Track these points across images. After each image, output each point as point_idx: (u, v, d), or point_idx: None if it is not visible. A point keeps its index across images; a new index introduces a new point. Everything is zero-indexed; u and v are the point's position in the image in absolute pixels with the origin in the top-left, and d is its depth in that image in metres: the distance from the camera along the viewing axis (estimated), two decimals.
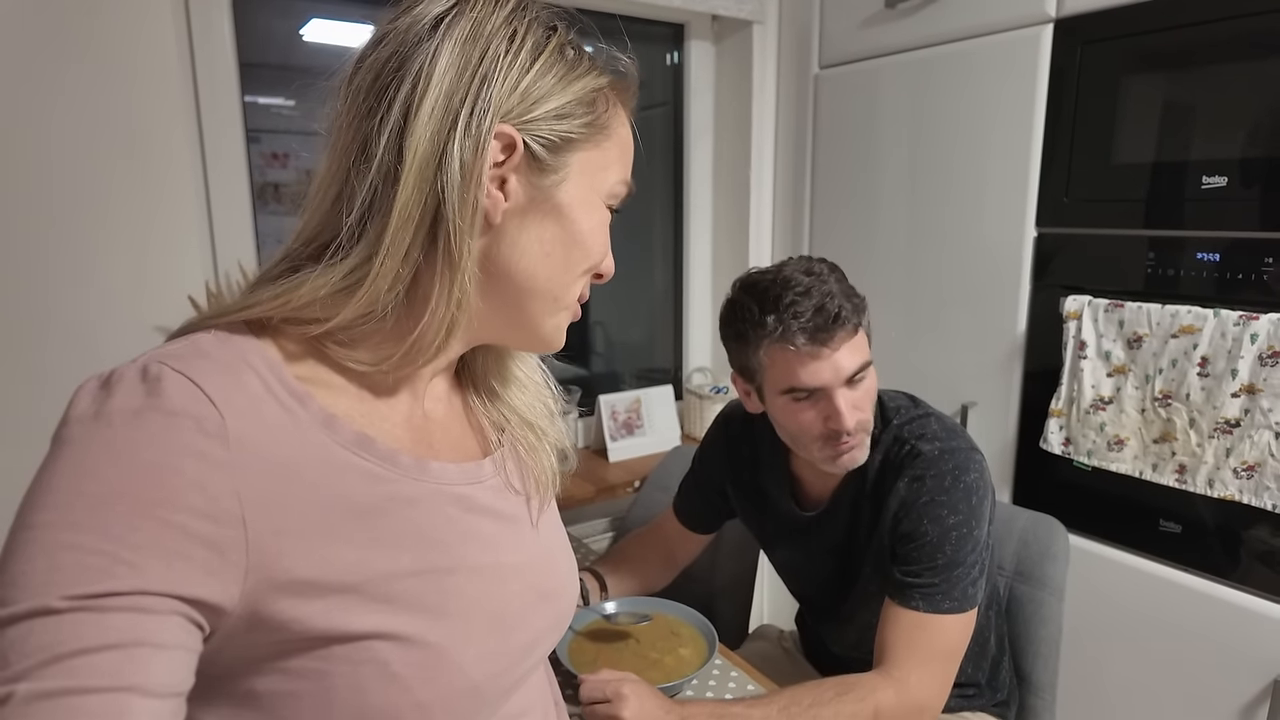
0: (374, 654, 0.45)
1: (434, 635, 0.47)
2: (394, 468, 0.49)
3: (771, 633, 1.39)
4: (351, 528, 0.45)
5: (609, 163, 0.53)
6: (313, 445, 0.45)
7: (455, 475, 0.53)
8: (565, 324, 0.55)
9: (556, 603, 0.59)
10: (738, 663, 1.03)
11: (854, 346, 0.93)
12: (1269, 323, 1.11)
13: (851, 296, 0.94)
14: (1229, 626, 1.21)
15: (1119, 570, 1.33)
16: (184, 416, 0.40)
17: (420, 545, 0.49)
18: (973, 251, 1.50)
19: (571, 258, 0.52)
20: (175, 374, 0.42)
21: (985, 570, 0.95)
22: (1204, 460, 1.19)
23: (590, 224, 0.52)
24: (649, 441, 1.90)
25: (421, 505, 0.50)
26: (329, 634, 0.44)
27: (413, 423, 0.54)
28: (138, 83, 1.20)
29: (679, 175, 2.04)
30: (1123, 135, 1.27)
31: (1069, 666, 1.27)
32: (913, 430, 0.99)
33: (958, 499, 0.93)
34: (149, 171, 1.24)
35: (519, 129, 0.47)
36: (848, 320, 0.91)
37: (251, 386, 0.44)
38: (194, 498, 0.39)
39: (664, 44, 1.97)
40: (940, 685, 0.90)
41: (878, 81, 1.63)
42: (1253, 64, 1.12)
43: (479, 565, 0.52)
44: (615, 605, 1.11)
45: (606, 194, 0.54)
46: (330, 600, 0.44)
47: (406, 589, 0.47)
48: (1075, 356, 1.33)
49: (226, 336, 0.46)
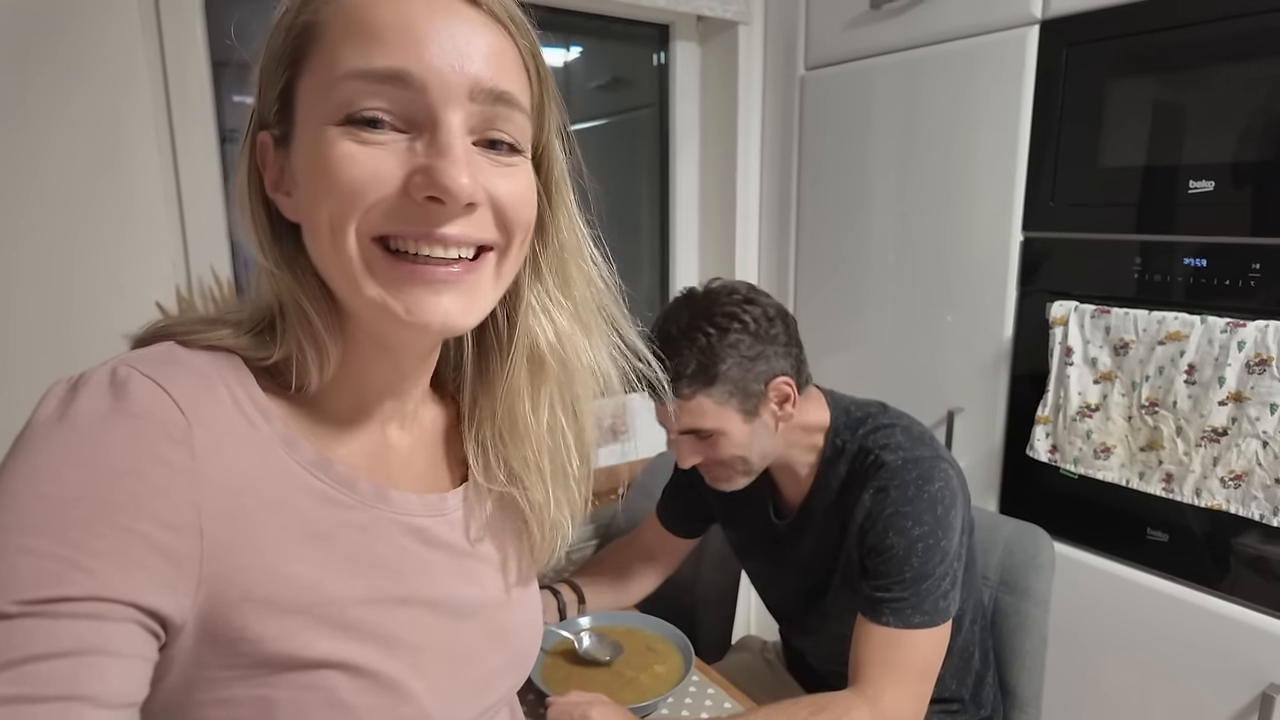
0: (323, 680, 0.43)
1: (384, 665, 0.46)
2: (350, 493, 0.48)
3: (755, 644, 1.37)
4: (307, 549, 0.44)
5: (320, 75, 0.43)
6: (274, 463, 0.45)
7: (415, 506, 0.52)
8: (400, 286, 0.44)
9: (513, 641, 0.57)
10: (715, 679, 1.01)
11: (688, 409, 0.94)
12: (1256, 330, 1.09)
13: (704, 366, 0.92)
14: (1217, 637, 1.19)
15: (1106, 579, 1.31)
16: (150, 421, 0.40)
17: (374, 573, 0.47)
18: (959, 255, 1.48)
19: (314, 214, 0.44)
20: (144, 378, 0.41)
21: (958, 582, 0.93)
22: (1191, 469, 1.17)
23: (311, 164, 0.43)
24: (634, 448, 1.87)
25: (376, 533, 0.48)
26: (279, 658, 0.42)
27: (374, 449, 0.52)
28: (103, 81, 1.18)
29: (665, 177, 2.01)
30: (1109, 138, 1.25)
31: (1054, 678, 1.25)
32: (877, 440, 0.98)
33: (922, 509, 0.91)
34: (117, 172, 1.21)
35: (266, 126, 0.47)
36: (678, 390, 0.93)
37: (221, 398, 0.44)
38: (156, 505, 0.38)
39: (649, 45, 1.95)
40: (915, 702, 0.88)
41: (864, 83, 1.61)
42: (1240, 66, 1.11)
43: (432, 598, 0.51)
44: (590, 620, 1.08)
45: (331, 110, 0.42)
46: (284, 622, 0.42)
47: (359, 616, 0.46)
48: (1062, 363, 1.31)
49: (204, 349, 0.46)
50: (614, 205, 2.04)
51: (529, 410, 0.56)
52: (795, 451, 1.03)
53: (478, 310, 0.48)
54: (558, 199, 0.53)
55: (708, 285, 1.00)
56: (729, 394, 0.93)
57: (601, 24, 1.88)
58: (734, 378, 0.93)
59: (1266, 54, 1.08)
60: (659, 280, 2.09)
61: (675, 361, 0.91)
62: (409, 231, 0.44)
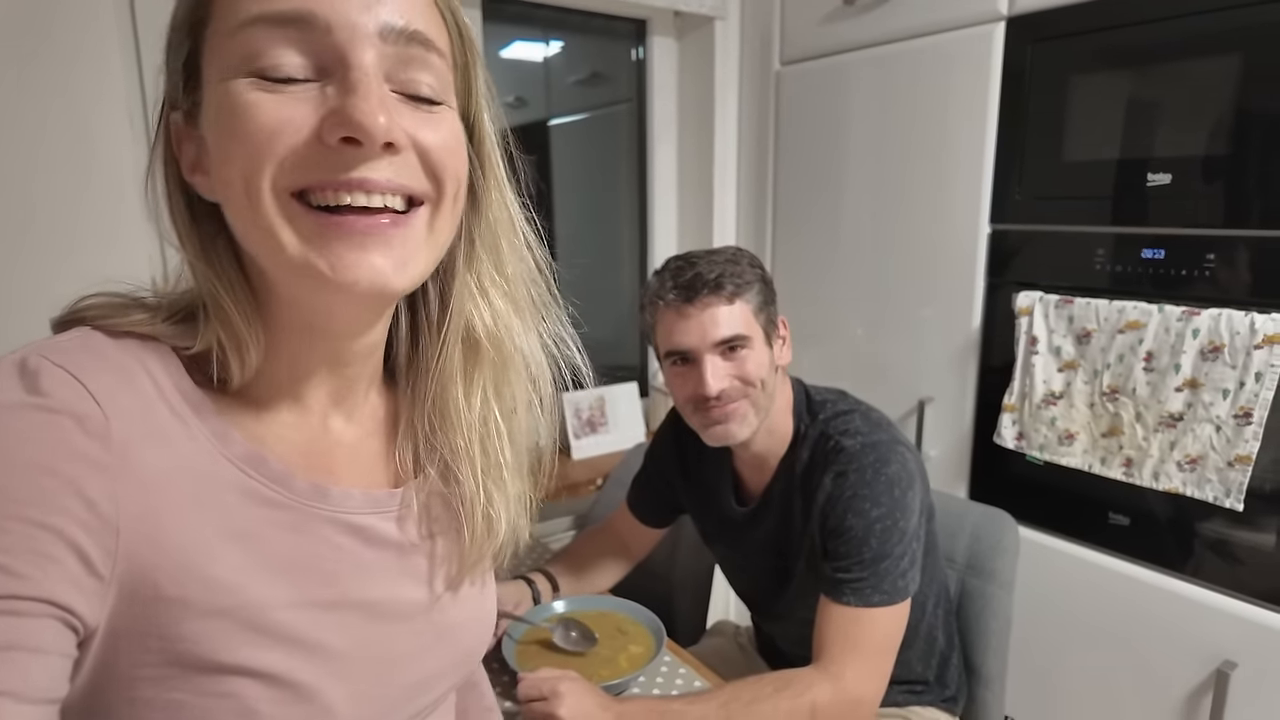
0: (234, 688, 0.42)
1: (305, 675, 0.44)
2: (285, 490, 0.46)
3: (728, 628, 1.39)
4: (230, 549, 0.43)
5: (223, 32, 0.41)
6: (201, 458, 0.43)
7: (358, 503, 0.50)
8: (325, 241, 0.41)
9: (459, 640, 0.55)
10: (686, 659, 1.03)
11: (728, 314, 0.97)
12: (1210, 318, 1.13)
13: (741, 274, 0.98)
14: (1175, 616, 1.23)
15: (1069, 562, 1.34)
16: (64, 415, 0.38)
17: (303, 576, 0.45)
18: (930, 247, 1.50)
19: (223, 177, 0.42)
20: (56, 369, 0.39)
21: (916, 561, 0.96)
22: (1149, 453, 1.21)
23: (215, 123, 0.41)
24: (613, 439, 1.89)
25: (310, 532, 0.47)
26: (191, 661, 0.41)
27: (314, 445, 0.50)
28: (77, 78, 1.18)
29: (643, 172, 2.03)
30: (1072, 132, 1.28)
31: (1019, 658, 1.28)
32: (837, 426, 1.01)
33: (880, 491, 0.94)
34: (92, 171, 1.21)
35: (175, 105, 0.45)
36: (722, 286, 0.96)
37: (143, 389, 0.42)
38: (70, 501, 0.37)
39: (627, 40, 1.97)
40: (876, 679, 0.91)
41: (838, 78, 1.63)
42: (1196, 63, 1.14)
43: (369, 600, 0.49)
44: (564, 605, 1.10)
45: (233, 64, 0.40)
46: (199, 624, 0.41)
47: (282, 621, 0.44)
48: (1027, 352, 1.34)
49: (125, 335, 0.44)
50: (593, 199, 2.06)
51: (461, 396, 0.53)
52: (769, 438, 1.04)
53: (411, 270, 0.44)
54: (489, 169, 0.50)
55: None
56: (759, 307, 1.00)
57: (580, 19, 1.89)
58: (765, 298, 1.01)
59: (1222, 51, 1.11)
60: (638, 273, 2.11)
61: (722, 266, 0.97)
62: (327, 180, 0.41)
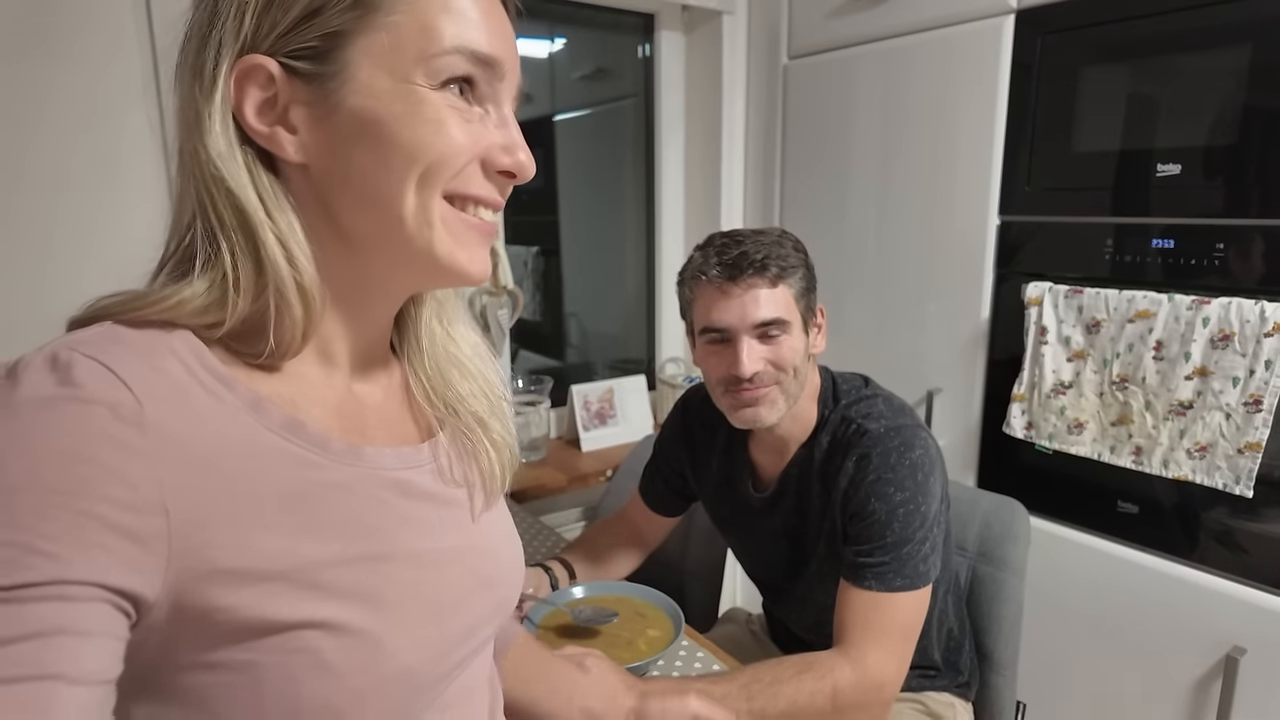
0: (305, 643, 0.43)
1: (366, 623, 0.46)
2: (325, 453, 0.48)
3: (740, 616, 1.40)
4: (280, 515, 0.44)
5: (404, 39, 0.45)
6: (240, 430, 0.44)
7: (391, 460, 0.52)
8: (466, 241, 0.49)
9: (498, 589, 0.58)
10: (704, 643, 1.04)
11: (769, 297, 0.96)
12: (1220, 306, 1.14)
13: (787, 257, 0.97)
14: (1184, 604, 1.24)
15: (1079, 550, 1.36)
16: (97, 404, 0.39)
17: (352, 532, 0.47)
18: (938, 239, 1.52)
19: (394, 165, 0.45)
20: (87, 359, 0.40)
21: (937, 547, 0.96)
22: (1159, 442, 1.22)
23: (401, 117, 0.45)
24: (622, 431, 1.90)
25: (354, 491, 0.48)
26: (257, 624, 0.42)
27: (344, 407, 0.52)
28: (93, 66, 1.18)
29: (650, 166, 2.04)
30: (1082, 124, 1.29)
31: (1030, 644, 1.29)
32: (859, 410, 1.01)
33: (903, 475, 0.95)
34: (108, 159, 1.21)
35: (271, 54, 0.44)
36: (767, 268, 0.95)
37: (173, 372, 0.43)
38: (112, 488, 0.38)
39: (634, 35, 1.98)
40: (897, 663, 0.91)
41: (846, 72, 1.64)
42: (1205, 53, 1.15)
43: (415, 551, 0.51)
44: (583, 590, 1.11)
45: (424, 73, 0.45)
46: (258, 589, 0.42)
47: (337, 577, 0.45)
48: (1037, 342, 1.35)
49: (145, 324, 0.44)
50: (599, 195, 2.07)
51: (451, 340, 0.60)
52: (793, 424, 1.04)
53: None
54: None
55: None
56: (801, 293, 0.99)
57: (587, 13, 1.90)
58: (807, 283, 1.01)
59: (1231, 41, 1.12)
60: (644, 268, 2.12)
61: (768, 248, 0.96)
62: (485, 198, 0.49)
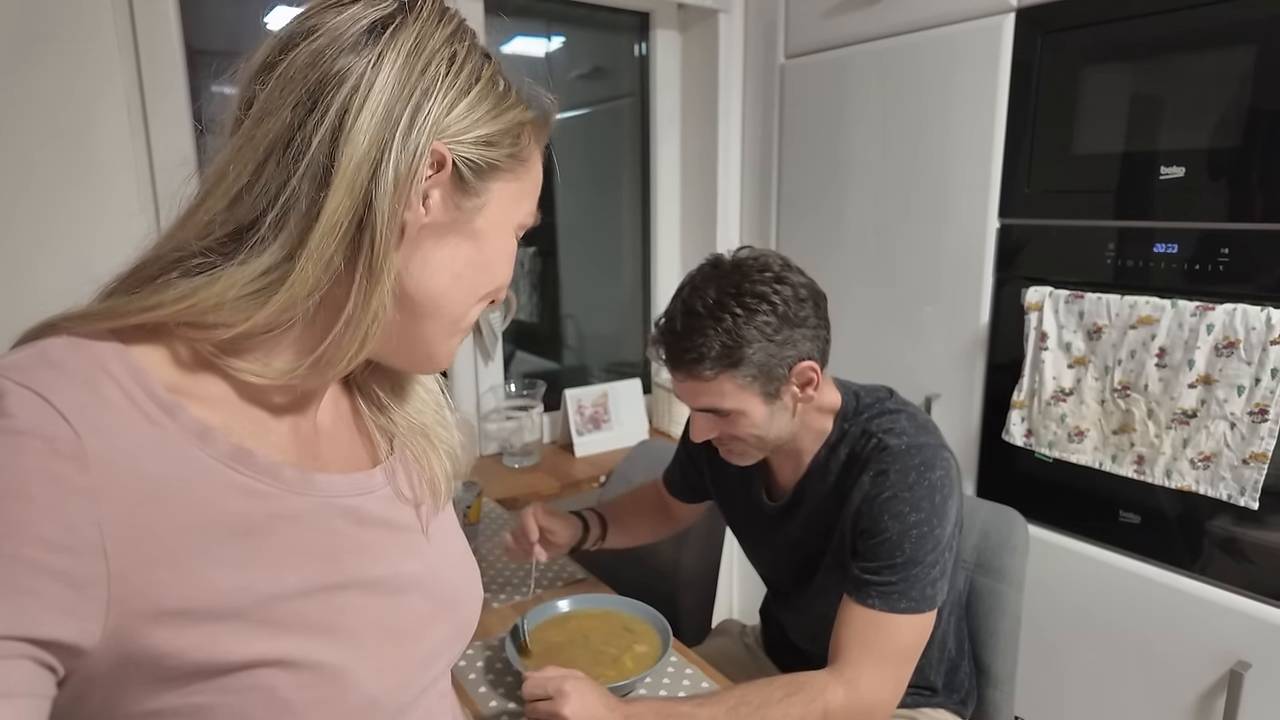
0: (259, 681, 0.42)
1: (325, 655, 0.45)
2: (275, 482, 0.46)
3: (734, 628, 1.37)
4: (229, 549, 0.42)
5: (524, 194, 0.54)
6: (185, 461, 0.42)
7: (344, 487, 0.51)
8: (457, 347, 0.56)
9: (457, 611, 0.58)
10: (693, 660, 1.02)
11: (707, 389, 0.92)
12: (1225, 313, 1.11)
13: (727, 349, 0.89)
14: (1187, 616, 1.21)
15: (1079, 561, 1.33)
16: (32, 437, 0.36)
17: (306, 563, 0.46)
18: (937, 242, 1.49)
19: (478, 281, 0.53)
20: (19, 388, 0.37)
21: (946, 572, 0.92)
22: (1162, 451, 1.19)
23: (501, 250, 0.54)
24: (616, 436, 1.88)
25: (306, 520, 0.47)
26: (207, 666, 0.40)
27: (300, 434, 0.51)
28: (74, 68, 1.16)
29: (646, 166, 2.01)
30: (1083, 125, 1.26)
31: (1029, 658, 1.27)
32: (882, 424, 0.97)
33: (920, 496, 0.91)
34: (88, 163, 1.20)
35: (450, 149, 0.48)
36: (701, 362, 0.90)
37: (112, 398, 0.40)
38: (46, 528, 0.36)
39: (630, 33, 1.95)
40: (893, 687, 0.88)
41: (843, 71, 1.62)
42: (1210, 54, 1.12)
43: (371, 579, 0.50)
44: (569, 604, 1.09)
45: (518, 224, 0.55)
46: (208, 629, 0.40)
47: (292, 610, 0.44)
48: (1037, 348, 1.32)
49: (80, 342, 0.42)
50: (595, 195, 2.04)
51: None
52: (805, 435, 1.02)
53: None
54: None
55: (736, 255, 0.97)
56: (752, 378, 0.91)
57: (583, 12, 1.87)
58: (758, 361, 0.90)
59: (1237, 42, 1.09)
60: (640, 269, 2.09)
61: (699, 341, 0.90)
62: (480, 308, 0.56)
